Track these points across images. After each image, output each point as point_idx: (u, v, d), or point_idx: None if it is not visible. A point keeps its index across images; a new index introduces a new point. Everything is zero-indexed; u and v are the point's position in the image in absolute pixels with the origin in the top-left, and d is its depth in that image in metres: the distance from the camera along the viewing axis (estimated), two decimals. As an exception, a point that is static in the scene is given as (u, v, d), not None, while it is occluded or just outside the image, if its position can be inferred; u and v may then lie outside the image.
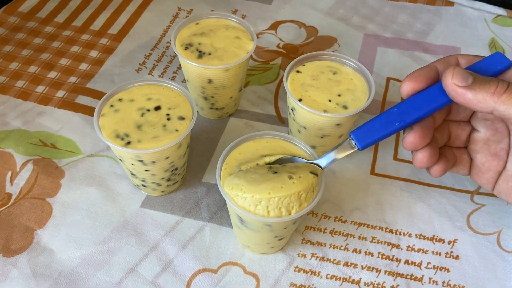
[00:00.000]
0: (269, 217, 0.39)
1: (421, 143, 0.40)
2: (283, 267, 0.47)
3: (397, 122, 0.40)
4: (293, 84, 0.50)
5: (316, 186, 0.41)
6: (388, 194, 0.53)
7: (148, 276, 0.46)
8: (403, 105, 0.40)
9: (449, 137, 0.45)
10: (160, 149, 0.43)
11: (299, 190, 0.39)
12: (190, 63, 0.50)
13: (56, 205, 0.50)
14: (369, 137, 0.40)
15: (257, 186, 0.39)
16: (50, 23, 0.69)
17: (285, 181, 0.39)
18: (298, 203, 0.39)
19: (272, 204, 0.38)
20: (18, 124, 0.56)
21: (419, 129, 0.40)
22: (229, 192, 0.40)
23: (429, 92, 0.40)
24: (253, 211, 0.39)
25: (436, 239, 0.50)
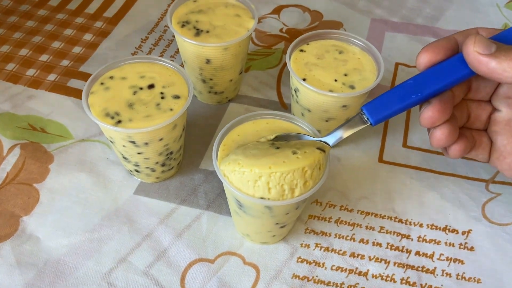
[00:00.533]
0: (270, 196, 0.35)
1: (440, 118, 0.36)
2: (285, 258, 0.44)
3: (414, 95, 0.36)
4: (297, 63, 0.47)
5: (323, 164, 0.37)
6: (397, 183, 0.50)
7: (140, 265, 0.43)
8: (420, 77, 0.37)
9: (468, 118, 0.42)
10: (152, 129, 0.40)
11: (303, 166, 0.35)
12: (187, 41, 0.47)
13: (43, 191, 0.47)
14: (383, 111, 0.37)
15: (257, 160, 0.35)
16: (43, 6, 0.66)
17: (288, 155, 0.36)
18: (303, 180, 0.36)
19: (273, 180, 0.35)
20: (6, 107, 0.53)
21: (437, 103, 0.36)
22: (225, 169, 0.37)
23: (448, 63, 0.36)
24: (252, 189, 0.35)
25: (449, 229, 0.47)
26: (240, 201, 0.38)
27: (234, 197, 0.38)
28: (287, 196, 0.36)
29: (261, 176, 0.35)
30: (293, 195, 0.36)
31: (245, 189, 0.36)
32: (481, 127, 0.42)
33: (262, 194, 0.36)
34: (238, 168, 0.36)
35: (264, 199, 0.36)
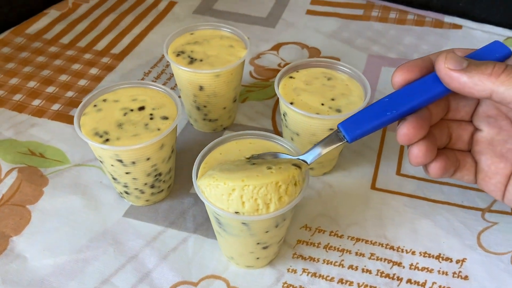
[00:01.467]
0: (245, 210, 0.35)
1: (415, 134, 0.37)
2: (271, 283, 0.43)
3: (389, 112, 0.37)
4: (285, 89, 0.48)
5: (299, 181, 0.37)
6: (389, 210, 0.49)
7: (123, 287, 0.42)
8: (395, 94, 0.37)
9: (450, 138, 0.42)
10: (138, 146, 0.41)
11: (277, 180, 0.35)
12: (181, 68, 0.49)
13: (35, 212, 0.48)
14: (359, 128, 0.37)
15: (230, 174, 0.36)
16: (55, 43, 0.70)
17: (262, 170, 0.36)
18: (277, 195, 0.36)
19: (246, 194, 0.35)
20: (9, 134, 0.56)
21: (413, 120, 0.37)
22: (201, 183, 0.37)
23: (422, 81, 0.37)
24: (226, 202, 0.35)
25: (442, 257, 0.45)
26: (218, 219, 0.38)
27: (213, 215, 0.38)
28: (262, 211, 0.35)
29: (234, 189, 0.35)
30: (268, 210, 0.36)
31: (220, 204, 0.36)
32: (464, 147, 0.42)
33: (236, 208, 0.35)
34: (212, 182, 0.36)
35: (238, 213, 0.35)
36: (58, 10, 0.76)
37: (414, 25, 0.75)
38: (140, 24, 0.75)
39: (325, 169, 0.51)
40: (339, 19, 0.76)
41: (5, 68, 0.65)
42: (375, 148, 0.55)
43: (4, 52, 0.67)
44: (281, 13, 0.78)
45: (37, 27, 0.72)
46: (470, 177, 0.42)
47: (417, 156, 0.37)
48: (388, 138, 0.57)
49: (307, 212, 0.49)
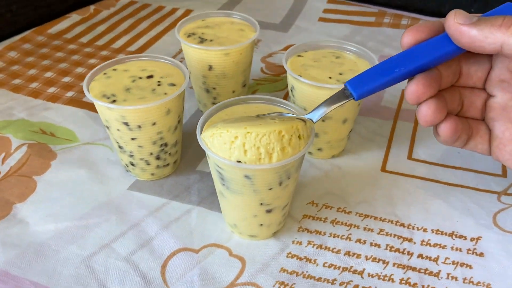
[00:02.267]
0: (246, 159, 0.34)
1: (424, 91, 0.35)
2: (274, 252, 0.41)
3: (397, 69, 0.36)
4: (293, 64, 0.48)
5: (304, 135, 0.37)
6: (400, 190, 0.48)
7: (123, 252, 0.41)
8: (404, 52, 0.36)
9: (462, 106, 0.41)
10: (144, 106, 0.41)
11: (280, 129, 0.35)
12: (191, 46, 0.50)
13: (41, 182, 0.48)
14: (366, 85, 0.36)
15: (234, 123, 0.36)
16: (74, 42, 0.72)
17: (265, 120, 0.36)
18: (280, 145, 0.35)
19: (249, 142, 0.34)
20: (22, 115, 0.57)
21: (422, 76, 0.36)
22: (205, 135, 0.37)
23: (432, 41, 0.36)
24: (228, 151, 0.35)
25: (456, 235, 0.43)
26: (221, 173, 0.37)
27: (216, 170, 0.37)
28: (264, 160, 0.35)
29: (237, 137, 0.35)
30: (271, 160, 0.35)
31: (223, 153, 0.35)
32: (477, 115, 0.41)
33: (238, 156, 0.35)
34: (216, 131, 0.36)
35: (240, 162, 0.35)
36: (79, 14, 0.79)
37: (426, 30, 0.75)
38: (156, 27, 0.77)
39: (334, 151, 0.51)
40: (351, 26, 0.77)
41: (24, 61, 0.67)
42: (385, 135, 0.54)
43: (25, 47, 0.70)
44: (294, 20, 0.80)
45: (58, 28, 0.75)
46: (484, 146, 0.40)
47: (426, 114, 0.36)
48: (399, 126, 0.56)
49: (314, 190, 0.47)
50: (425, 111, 0.36)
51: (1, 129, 0.54)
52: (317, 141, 0.49)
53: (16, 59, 0.67)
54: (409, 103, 0.37)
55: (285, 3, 0.84)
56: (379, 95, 0.61)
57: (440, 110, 0.36)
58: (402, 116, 0.58)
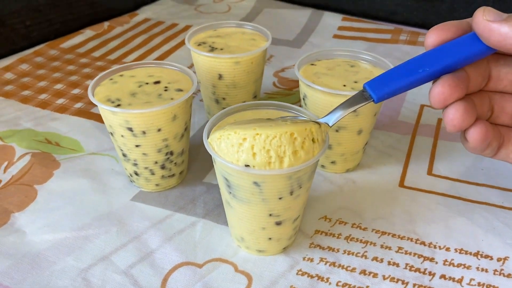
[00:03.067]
0: (255, 162, 0.32)
1: (451, 93, 0.32)
2: (283, 269, 0.38)
3: (421, 69, 0.33)
4: (305, 73, 0.46)
5: (318, 139, 0.34)
6: (420, 207, 0.44)
7: (122, 265, 0.39)
8: (429, 53, 0.34)
9: (492, 111, 0.37)
10: (149, 111, 0.39)
11: (292, 131, 0.32)
12: (201, 54, 0.49)
13: (42, 191, 0.46)
14: (387, 86, 0.33)
15: (242, 125, 0.33)
16: (86, 56, 0.72)
17: (277, 122, 0.33)
18: (292, 148, 0.32)
19: (258, 143, 0.32)
20: (29, 125, 0.55)
21: (449, 77, 0.32)
22: (212, 138, 0.34)
23: (459, 40, 0.33)
24: (236, 154, 0.32)
25: (481, 255, 0.39)
26: (228, 179, 0.35)
27: (222, 176, 0.35)
28: (274, 165, 0.32)
29: (245, 139, 0.32)
30: (282, 165, 0.32)
31: (230, 157, 0.33)
32: (509, 122, 0.37)
33: (246, 159, 0.32)
34: (223, 133, 0.34)
35: (249, 167, 0.32)
36: (93, 30, 0.79)
37: (444, 47, 0.73)
38: (169, 43, 0.76)
39: (348, 164, 0.48)
40: (366, 42, 0.76)
41: (35, 73, 0.67)
42: (403, 150, 0.52)
43: (37, 60, 0.70)
44: (307, 37, 0.78)
45: (71, 43, 0.75)
46: None
47: (453, 117, 0.33)
48: (418, 141, 0.53)
49: (327, 204, 0.45)
50: (453, 114, 0.33)
51: (5, 138, 0.53)
52: (331, 154, 0.47)
53: (27, 72, 0.67)
54: (434, 107, 0.33)
55: (299, 20, 0.83)
56: (396, 110, 0.58)
57: (469, 113, 0.33)
58: (421, 131, 0.55)
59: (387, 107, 0.59)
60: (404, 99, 0.61)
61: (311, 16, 0.84)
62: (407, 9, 0.81)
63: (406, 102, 0.60)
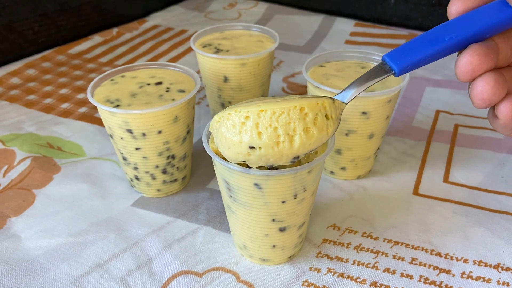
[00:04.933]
0: (261, 143, 0.28)
1: (481, 63, 0.29)
2: (288, 280, 0.36)
3: (447, 37, 0.30)
4: (314, 74, 0.44)
5: (332, 115, 0.30)
6: (435, 215, 0.42)
7: (118, 273, 0.37)
8: (453, 20, 0.30)
9: None
10: (149, 111, 0.37)
11: (302, 105, 0.29)
12: (206, 56, 0.47)
13: (40, 196, 0.44)
14: (410, 56, 0.30)
15: (245, 103, 0.30)
16: (94, 61, 0.71)
17: (283, 97, 0.30)
18: (302, 125, 0.28)
19: (263, 121, 0.28)
20: (31, 129, 0.54)
21: (477, 47, 0.29)
22: (212, 123, 0.31)
23: (487, 7, 0.30)
24: (238, 135, 0.29)
25: (502, 267, 0.37)
26: (228, 181, 0.33)
27: (223, 178, 0.33)
28: (284, 144, 0.29)
29: (248, 117, 0.29)
30: (292, 144, 0.29)
31: (233, 141, 0.29)
32: None
33: (251, 140, 0.29)
34: (222, 113, 0.30)
35: (254, 149, 0.29)
36: (101, 36, 0.79)
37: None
38: (177, 49, 0.75)
39: (359, 171, 0.46)
40: (379, 48, 0.73)
41: (42, 78, 0.66)
42: (417, 157, 0.49)
43: (44, 66, 0.69)
44: (319, 42, 0.77)
45: (79, 49, 0.74)
46: None
47: (482, 90, 0.29)
48: (434, 147, 0.51)
49: (336, 212, 0.42)
50: (482, 87, 0.29)
51: (7, 142, 0.52)
52: (340, 159, 0.44)
53: (33, 76, 0.66)
54: (460, 80, 0.30)
55: (310, 26, 0.82)
56: (411, 115, 0.56)
57: (500, 85, 0.29)
58: (437, 137, 0.52)
59: (401, 113, 0.56)
60: (419, 104, 0.58)
61: (323, 22, 0.83)
62: (422, 14, 0.79)
63: (420, 108, 0.58)
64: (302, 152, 0.29)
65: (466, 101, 0.59)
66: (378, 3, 0.82)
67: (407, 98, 0.59)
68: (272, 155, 0.29)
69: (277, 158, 0.29)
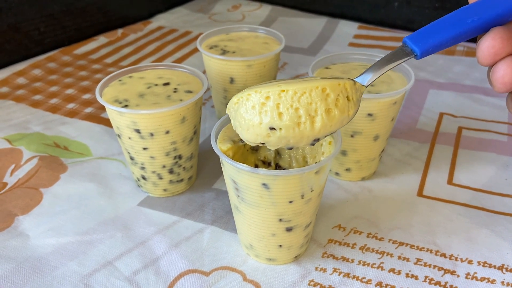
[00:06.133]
0: (282, 123, 0.28)
1: (503, 46, 0.28)
2: (294, 279, 0.36)
3: (470, 19, 0.29)
4: (320, 75, 0.45)
5: (353, 97, 0.30)
6: (440, 217, 0.42)
7: (126, 271, 0.37)
8: (475, 3, 0.30)
9: None
10: (157, 111, 0.38)
11: (323, 85, 0.28)
12: (213, 57, 0.48)
13: (47, 195, 0.45)
14: (432, 38, 0.29)
15: (264, 84, 0.30)
16: (99, 62, 0.72)
17: (304, 78, 0.30)
18: (324, 105, 0.28)
19: (284, 102, 0.28)
20: (38, 129, 0.55)
21: (499, 30, 0.29)
22: (229, 105, 0.31)
23: None
24: (258, 116, 0.28)
25: (507, 268, 0.37)
26: (236, 181, 0.33)
27: (231, 178, 0.33)
28: (305, 125, 0.28)
29: (268, 97, 0.28)
30: (313, 125, 0.29)
31: (252, 122, 0.29)
32: None
33: (271, 121, 0.28)
34: (241, 95, 0.29)
35: (275, 130, 0.29)
36: (107, 37, 0.79)
37: (463, 56, 0.71)
38: (181, 50, 0.76)
39: (364, 172, 0.46)
40: (383, 50, 0.74)
41: (47, 78, 0.66)
42: (422, 159, 0.50)
43: (49, 66, 0.69)
44: (322, 45, 0.77)
45: (84, 49, 0.75)
46: None
47: (504, 74, 0.28)
48: (438, 149, 0.51)
49: (341, 213, 0.43)
50: (504, 70, 0.29)
51: (14, 141, 0.52)
52: (345, 160, 0.45)
53: (39, 77, 0.67)
54: (481, 63, 0.29)
55: (314, 28, 0.82)
56: (415, 118, 0.56)
57: None
58: (441, 139, 0.53)
59: (405, 115, 0.57)
60: (423, 106, 0.59)
61: (326, 25, 0.83)
62: (425, 17, 0.79)
63: (424, 110, 0.58)
64: (323, 133, 0.29)
65: (470, 104, 0.59)
66: (382, 6, 0.82)
67: (411, 101, 0.60)
68: (293, 136, 0.29)
69: (297, 139, 0.29)
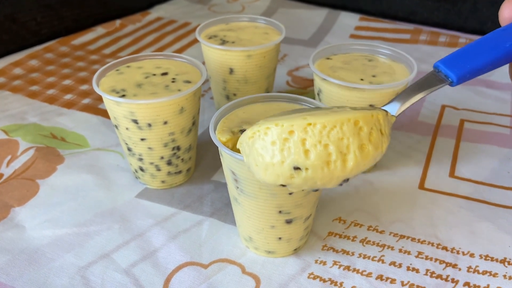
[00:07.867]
0: (309, 162, 0.24)
1: None
2: (294, 272, 0.36)
3: (508, 43, 0.27)
4: (321, 67, 0.44)
5: (386, 130, 0.27)
6: (441, 210, 0.42)
7: (123, 263, 0.36)
8: (509, 25, 0.28)
9: None
10: (155, 101, 0.37)
11: (356, 118, 0.25)
12: (211, 47, 0.47)
13: (44, 186, 0.44)
14: (468, 63, 0.27)
15: (284, 116, 0.27)
16: (97, 53, 0.71)
17: (331, 109, 0.27)
18: (357, 141, 0.24)
19: (312, 137, 0.24)
20: (35, 120, 0.54)
21: None
22: (243, 138, 0.27)
23: None
24: (279, 153, 0.25)
25: (509, 262, 0.36)
26: (235, 172, 0.32)
27: (229, 169, 0.33)
28: (336, 164, 0.24)
29: (292, 132, 0.24)
30: (345, 164, 0.25)
31: (271, 160, 0.25)
32: None
33: (297, 159, 0.24)
34: (257, 128, 0.26)
35: (300, 170, 0.25)
36: (105, 28, 0.78)
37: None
38: (180, 41, 0.75)
39: (365, 164, 0.45)
40: (384, 42, 0.73)
41: (44, 69, 0.65)
42: (423, 151, 0.49)
43: (47, 57, 0.69)
44: (323, 36, 0.76)
45: (82, 40, 0.74)
46: None
47: None
48: (439, 142, 0.50)
49: (341, 205, 0.42)
50: None
51: (10, 132, 0.51)
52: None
53: (36, 67, 0.66)
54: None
55: (314, 20, 0.81)
56: (416, 110, 0.56)
57: None
58: (442, 132, 0.52)
59: (406, 107, 0.56)
60: (424, 99, 0.58)
61: (327, 16, 0.82)
62: (427, 9, 0.78)
63: (426, 102, 0.57)
64: (355, 173, 0.26)
65: (472, 96, 0.59)
66: (383, -2, 0.82)
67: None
68: (321, 178, 0.25)
69: (326, 181, 0.25)
